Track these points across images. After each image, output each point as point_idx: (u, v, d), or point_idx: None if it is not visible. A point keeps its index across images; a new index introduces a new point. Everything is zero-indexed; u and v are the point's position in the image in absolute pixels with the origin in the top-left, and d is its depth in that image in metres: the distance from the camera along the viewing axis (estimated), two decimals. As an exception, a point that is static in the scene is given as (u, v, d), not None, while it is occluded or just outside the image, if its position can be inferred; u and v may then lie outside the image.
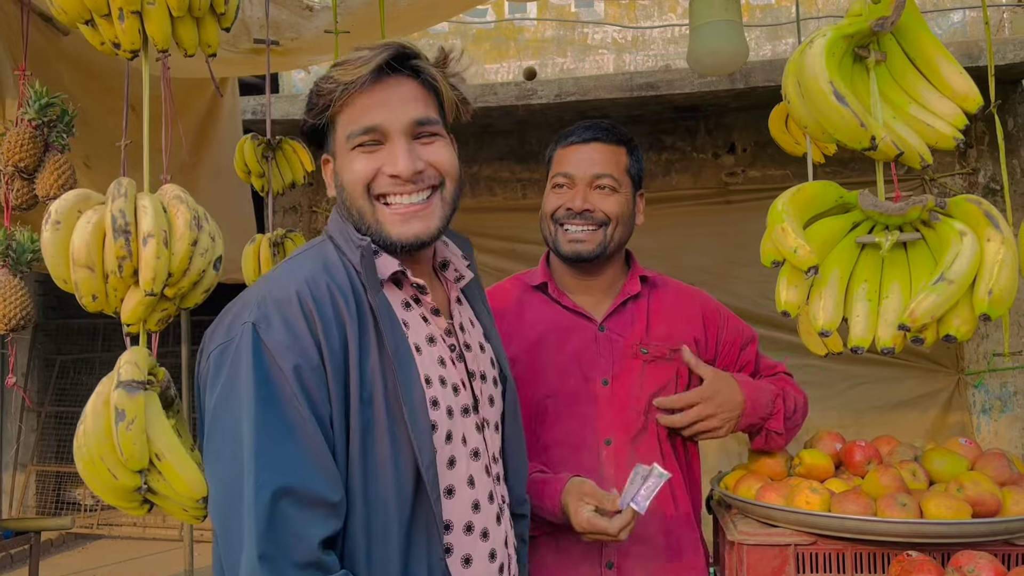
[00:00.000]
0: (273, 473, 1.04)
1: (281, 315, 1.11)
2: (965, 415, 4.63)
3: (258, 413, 1.06)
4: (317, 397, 1.10)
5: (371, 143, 1.21)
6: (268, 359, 1.08)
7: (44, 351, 7.36)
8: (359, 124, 1.20)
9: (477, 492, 1.26)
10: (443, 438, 1.20)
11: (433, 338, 1.25)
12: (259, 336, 1.09)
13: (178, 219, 1.33)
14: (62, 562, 6.34)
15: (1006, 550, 1.68)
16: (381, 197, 1.22)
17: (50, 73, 2.87)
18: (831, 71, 1.08)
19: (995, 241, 1.08)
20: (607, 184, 1.75)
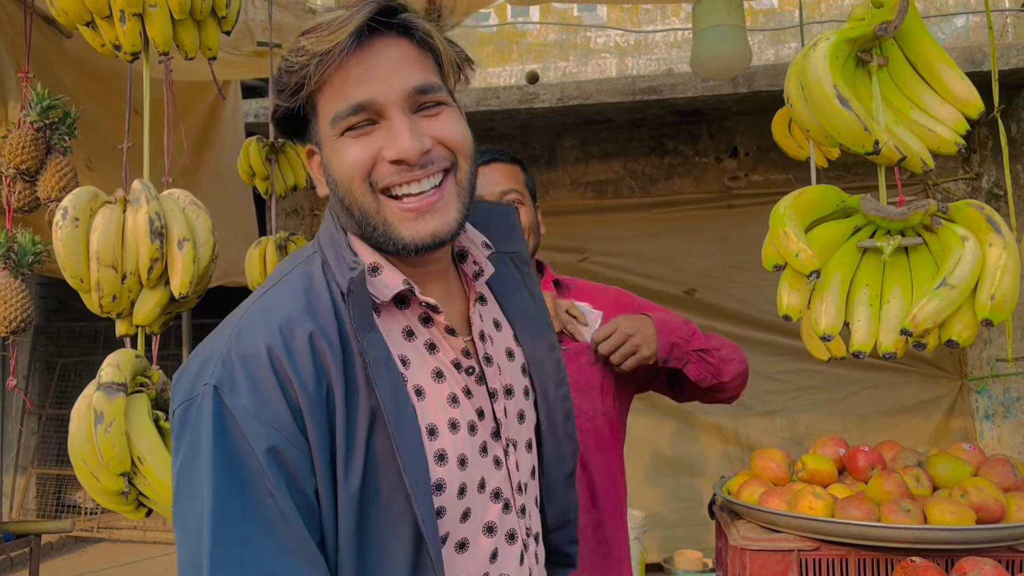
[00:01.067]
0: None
1: (248, 376, 0.91)
2: (968, 421, 4.61)
3: (216, 502, 0.87)
4: (295, 472, 0.90)
5: (364, 124, 0.97)
6: (232, 431, 0.89)
7: (45, 354, 7.36)
8: (345, 102, 0.96)
9: (496, 539, 1.07)
10: (455, 494, 1.01)
11: (441, 372, 1.04)
12: (223, 403, 0.90)
13: (200, 224, 1.33)
14: (62, 565, 6.33)
15: (1010, 556, 1.67)
16: (386, 190, 0.98)
17: (52, 75, 2.87)
18: (835, 75, 1.08)
19: (997, 246, 1.07)
20: (514, 199, 1.85)
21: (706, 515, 2.15)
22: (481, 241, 1.13)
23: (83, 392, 1.37)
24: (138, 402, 1.34)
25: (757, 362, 4.66)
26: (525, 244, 1.23)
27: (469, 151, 1.02)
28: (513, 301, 1.18)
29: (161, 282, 1.34)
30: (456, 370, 1.06)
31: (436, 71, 1.02)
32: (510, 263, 1.19)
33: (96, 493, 1.34)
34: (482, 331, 1.12)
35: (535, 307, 1.20)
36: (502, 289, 1.18)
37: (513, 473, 1.11)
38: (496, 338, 1.14)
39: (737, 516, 1.93)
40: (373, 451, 0.94)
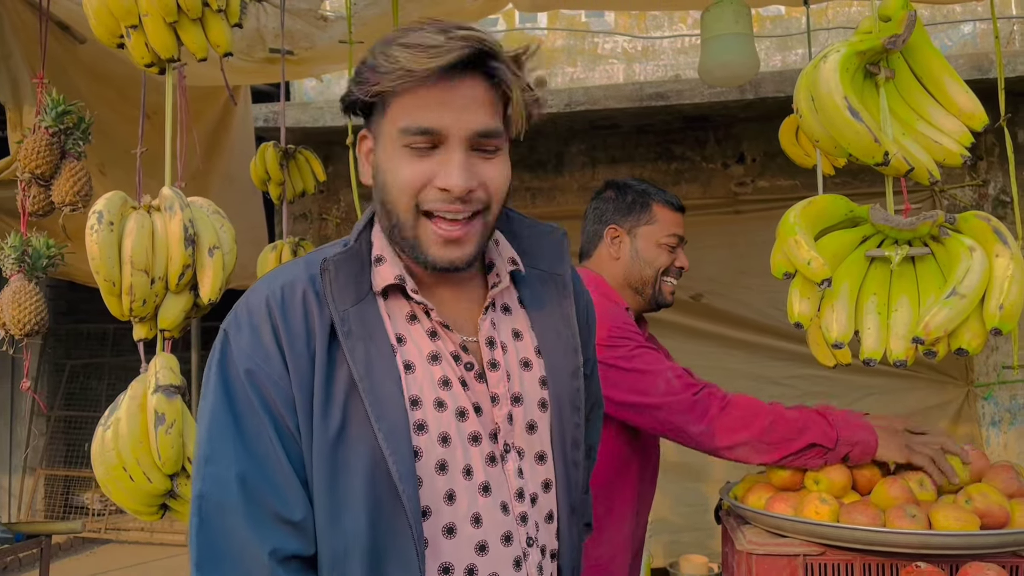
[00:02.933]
0: (213, 483, 1.02)
1: (248, 321, 1.07)
2: (974, 427, 4.61)
3: (212, 416, 1.04)
4: (278, 408, 1.04)
5: (425, 145, 1.05)
6: (229, 364, 1.06)
7: (54, 356, 7.40)
8: (416, 122, 1.04)
9: (485, 532, 1.10)
10: (433, 467, 1.07)
11: (437, 356, 1.11)
12: (228, 340, 1.08)
13: (225, 233, 1.36)
14: (70, 566, 6.36)
15: (1014, 562, 1.68)
16: (427, 212, 1.07)
17: (67, 81, 2.90)
18: (845, 86, 1.10)
19: (1004, 257, 1.09)
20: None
21: (712, 520, 2.16)
22: (508, 257, 1.20)
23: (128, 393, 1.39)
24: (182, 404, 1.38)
25: (763, 367, 4.70)
26: (569, 269, 1.27)
27: (503, 197, 1.11)
28: (545, 318, 1.23)
29: (187, 288, 1.36)
30: (455, 361, 1.12)
31: (502, 116, 1.09)
32: (550, 283, 1.24)
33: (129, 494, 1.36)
34: (491, 338, 1.16)
35: (566, 332, 1.23)
36: (535, 303, 1.23)
37: (512, 478, 1.13)
38: (512, 347, 1.18)
39: (743, 521, 1.95)
40: (349, 409, 1.04)
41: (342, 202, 5.12)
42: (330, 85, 5.37)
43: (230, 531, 1.01)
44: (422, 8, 2.98)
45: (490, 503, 1.10)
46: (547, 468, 1.18)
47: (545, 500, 1.18)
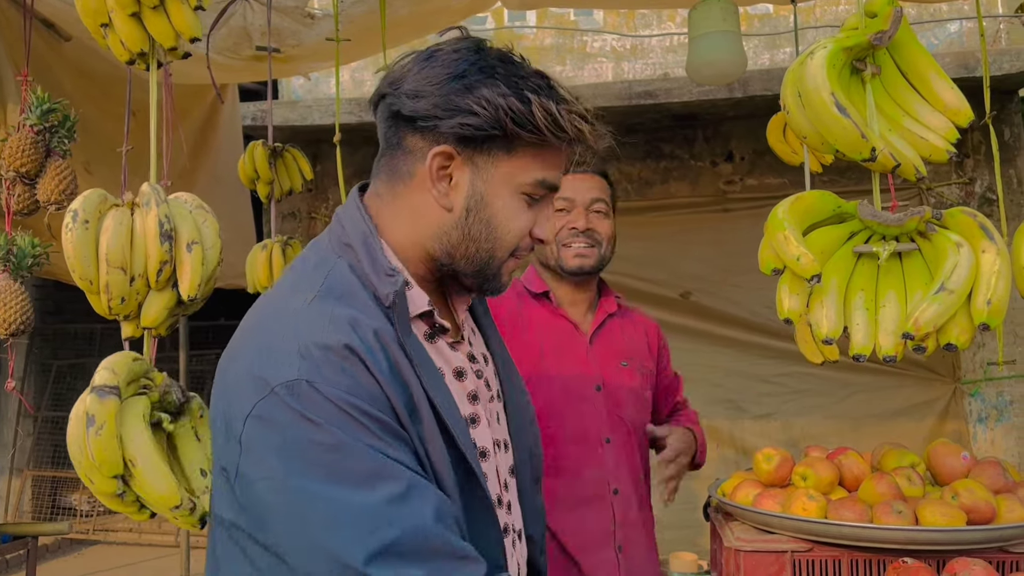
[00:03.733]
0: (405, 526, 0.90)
1: (333, 363, 0.93)
2: (962, 424, 4.64)
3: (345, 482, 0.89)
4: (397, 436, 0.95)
5: (542, 200, 1.10)
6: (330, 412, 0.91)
7: (41, 356, 7.35)
8: (545, 176, 1.08)
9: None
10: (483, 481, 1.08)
11: (462, 372, 1.12)
12: (316, 388, 0.91)
13: (207, 228, 1.34)
14: (58, 567, 6.32)
15: (1001, 557, 1.69)
16: (515, 252, 1.11)
17: (52, 79, 2.88)
18: (832, 82, 1.10)
19: (990, 252, 1.09)
20: (602, 209, 2.03)
21: (701, 517, 2.16)
22: None
23: (81, 396, 1.38)
24: (134, 405, 1.34)
25: (752, 365, 4.71)
26: None
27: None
28: (478, 308, 1.28)
29: (169, 284, 1.35)
30: (471, 369, 1.15)
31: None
32: None
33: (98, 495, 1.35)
34: (470, 340, 1.20)
35: (489, 315, 1.31)
36: (473, 307, 1.27)
37: (501, 470, 1.17)
38: (476, 344, 1.23)
39: (731, 518, 1.95)
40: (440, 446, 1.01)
41: (330, 200, 5.10)
42: (318, 83, 5.35)
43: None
44: (410, 5, 2.97)
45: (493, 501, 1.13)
46: (510, 454, 1.22)
47: (513, 484, 1.22)
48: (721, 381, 4.77)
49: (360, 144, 4.93)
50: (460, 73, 1.05)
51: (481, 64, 1.05)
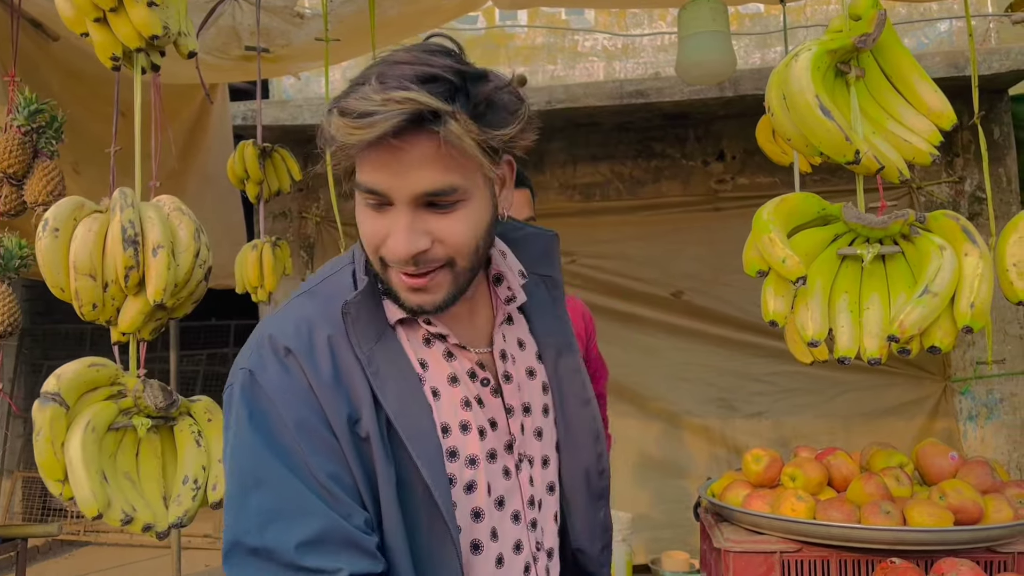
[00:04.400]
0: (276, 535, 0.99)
1: (276, 359, 1.03)
2: (952, 422, 4.65)
3: (252, 465, 1.00)
4: (320, 438, 1.01)
5: (377, 203, 1.02)
6: (263, 403, 1.01)
7: (31, 357, 7.33)
8: (365, 181, 1.01)
9: (500, 545, 1.13)
10: (462, 489, 1.08)
11: (456, 377, 1.12)
12: (256, 381, 1.02)
13: (182, 231, 1.34)
14: (48, 569, 6.29)
15: (988, 557, 1.70)
16: (384, 262, 1.05)
17: (39, 79, 2.87)
18: (816, 85, 1.10)
19: (973, 256, 1.10)
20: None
21: (692, 517, 2.17)
22: (518, 269, 1.21)
23: None
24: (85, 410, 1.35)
25: (743, 364, 4.72)
26: (559, 269, 1.29)
27: (470, 249, 1.05)
28: (542, 321, 1.25)
29: (142, 289, 1.34)
30: (471, 379, 1.13)
31: (466, 165, 1.00)
32: (542, 285, 1.26)
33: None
34: (503, 350, 1.18)
35: (562, 328, 1.26)
36: (533, 309, 1.24)
37: (525, 487, 1.17)
38: (519, 357, 1.20)
39: (721, 518, 1.96)
40: (395, 445, 1.04)
41: (321, 200, 5.09)
42: (308, 83, 5.34)
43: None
44: (399, 5, 2.97)
45: (503, 515, 1.13)
46: (551, 471, 1.21)
47: (551, 502, 1.21)
48: (713, 380, 4.78)
49: (351, 144, 4.93)
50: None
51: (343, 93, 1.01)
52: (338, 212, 2.75)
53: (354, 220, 1.08)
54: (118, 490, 1.36)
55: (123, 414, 1.39)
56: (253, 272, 2.80)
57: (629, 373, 4.73)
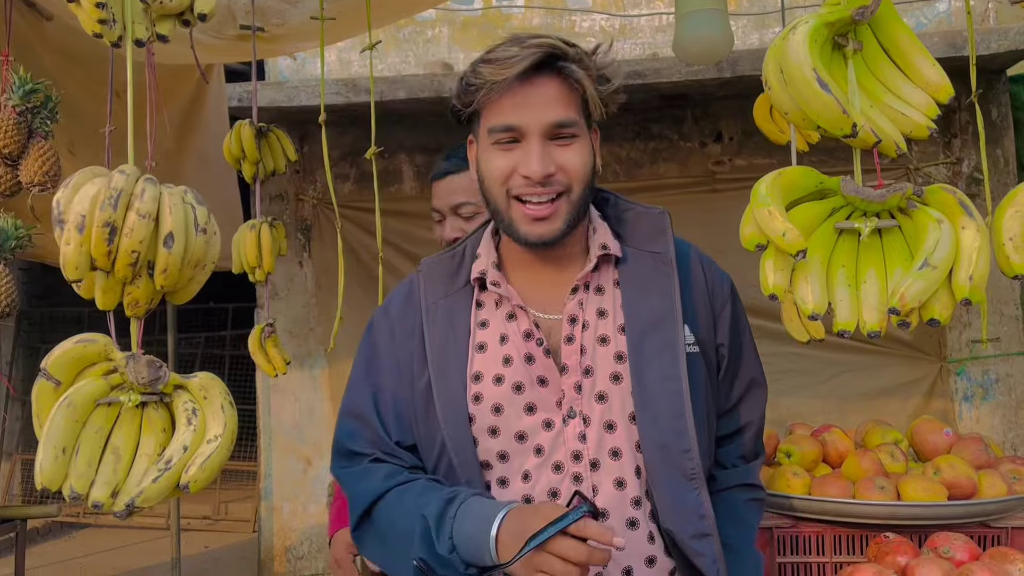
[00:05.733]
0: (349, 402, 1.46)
1: (384, 306, 1.46)
2: (947, 402, 4.68)
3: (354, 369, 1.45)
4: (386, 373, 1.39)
5: (508, 141, 1.26)
6: (369, 336, 1.44)
7: (29, 340, 7.33)
8: (500, 122, 1.26)
9: (531, 487, 1.27)
10: (486, 431, 1.29)
11: (505, 337, 1.32)
12: (373, 318, 1.46)
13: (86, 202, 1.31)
14: (48, 550, 6.33)
15: (981, 531, 1.72)
16: (517, 196, 1.28)
17: (33, 59, 2.85)
18: (814, 58, 1.10)
19: (970, 229, 1.10)
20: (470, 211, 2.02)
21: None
22: (600, 243, 1.35)
23: None
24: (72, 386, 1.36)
25: (740, 345, 4.72)
26: (672, 247, 1.38)
27: (584, 178, 1.29)
28: (640, 296, 1.33)
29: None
30: (525, 339, 1.30)
31: (579, 107, 1.28)
32: (650, 260, 1.36)
33: None
34: (573, 316, 1.31)
35: (664, 304, 1.32)
36: (631, 282, 1.34)
37: (571, 442, 1.26)
38: (593, 324, 1.31)
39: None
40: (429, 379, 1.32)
41: (317, 182, 5.08)
42: (305, 64, 5.31)
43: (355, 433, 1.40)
44: (396, -16, 2.95)
45: (541, 463, 1.26)
46: (617, 437, 1.27)
47: (613, 467, 1.27)
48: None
49: (347, 125, 4.91)
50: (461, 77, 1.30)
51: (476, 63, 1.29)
52: (334, 194, 2.74)
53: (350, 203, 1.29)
54: (85, 466, 1.35)
55: (117, 390, 1.39)
56: (251, 252, 2.79)
57: (626, 354, 4.73)
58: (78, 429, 1.36)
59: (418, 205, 4.79)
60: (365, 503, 1.32)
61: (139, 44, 1.42)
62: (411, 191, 5.03)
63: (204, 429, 1.39)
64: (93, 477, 1.37)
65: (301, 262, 5.06)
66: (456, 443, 1.28)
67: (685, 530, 1.25)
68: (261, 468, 5.05)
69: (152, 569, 5.72)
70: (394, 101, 4.52)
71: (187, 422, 1.40)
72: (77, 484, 1.35)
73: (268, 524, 5.02)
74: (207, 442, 1.38)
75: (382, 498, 1.31)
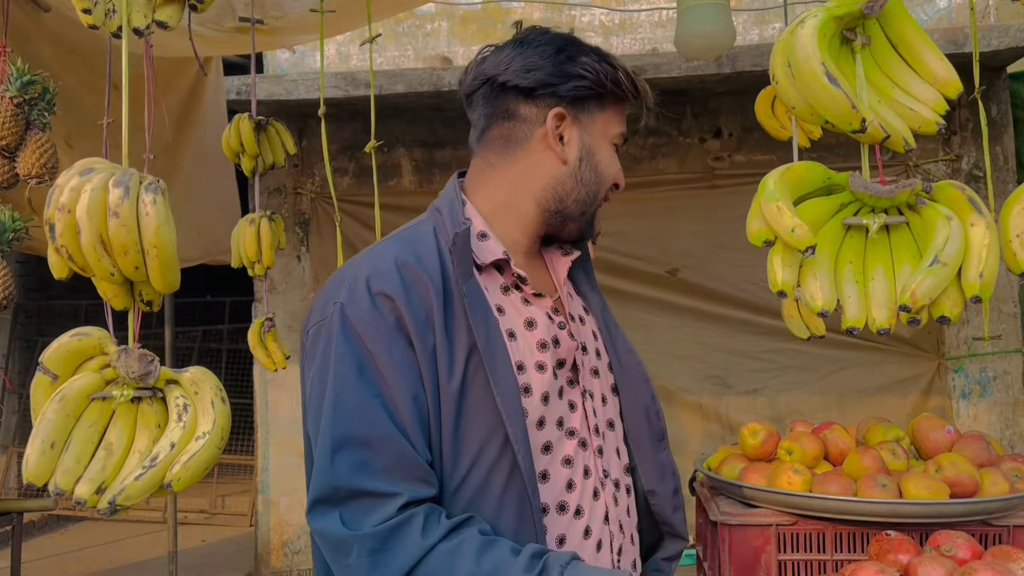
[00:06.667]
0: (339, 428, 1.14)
1: (368, 294, 1.16)
2: (945, 400, 4.68)
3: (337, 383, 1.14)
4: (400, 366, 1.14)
5: (617, 147, 1.36)
6: (352, 334, 1.15)
7: (25, 333, 7.31)
8: (622, 129, 1.34)
9: (571, 471, 1.25)
10: (534, 425, 1.21)
11: (533, 322, 1.26)
12: (346, 315, 1.16)
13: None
14: (45, 544, 6.32)
15: (983, 530, 1.71)
16: (605, 198, 1.35)
17: (31, 50, 2.83)
18: (823, 52, 1.09)
19: (980, 226, 1.09)
20: None
21: (686, 492, 2.18)
22: None
23: None
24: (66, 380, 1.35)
25: (739, 341, 4.73)
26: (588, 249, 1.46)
27: None
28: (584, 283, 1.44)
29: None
30: (550, 321, 1.27)
31: None
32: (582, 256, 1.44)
33: None
34: (570, 293, 1.38)
35: (598, 292, 1.46)
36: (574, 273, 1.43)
37: (591, 417, 1.30)
38: (572, 304, 1.37)
39: (717, 492, 1.96)
40: (468, 373, 1.16)
41: (316, 176, 5.06)
42: (303, 57, 5.29)
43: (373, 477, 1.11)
44: (396, -23, 2.93)
45: (575, 443, 1.26)
46: (609, 408, 1.35)
47: (611, 437, 1.34)
48: (707, 357, 4.79)
49: (346, 119, 4.89)
50: (562, 47, 1.27)
51: (571, 41, 1.29)
52: (334, 188, 2.73)
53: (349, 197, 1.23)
54: (73, 462, 1.34)
55: (111, 384, 1.37)
56: (251, 246, 2.78)
57: (624, 350, 4.73)
58: (71, 424, 1.34)
59: (417, 199, 4.77)
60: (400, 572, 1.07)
61: (137, 33, 1.40)
62: (410, 185, 5.01)
63: (195, 426, 1.37)
64: (80, 473, 1.35)
65: (299, 256, 5.05)
66: (522, 445, 1.15)
67: (665, 489, 1.36)
68: (258, 462, 5.04)
69: (148, 563, 5.71)
70: (393, 95, 4.50)
71: (178, 418, 1.37)
72: (62, 480, 1.33)
73: (265, 518, 5.01)
74: (196, 439, 1.35)
75: (423, 562, 1.07)
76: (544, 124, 1.27)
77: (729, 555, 1.77)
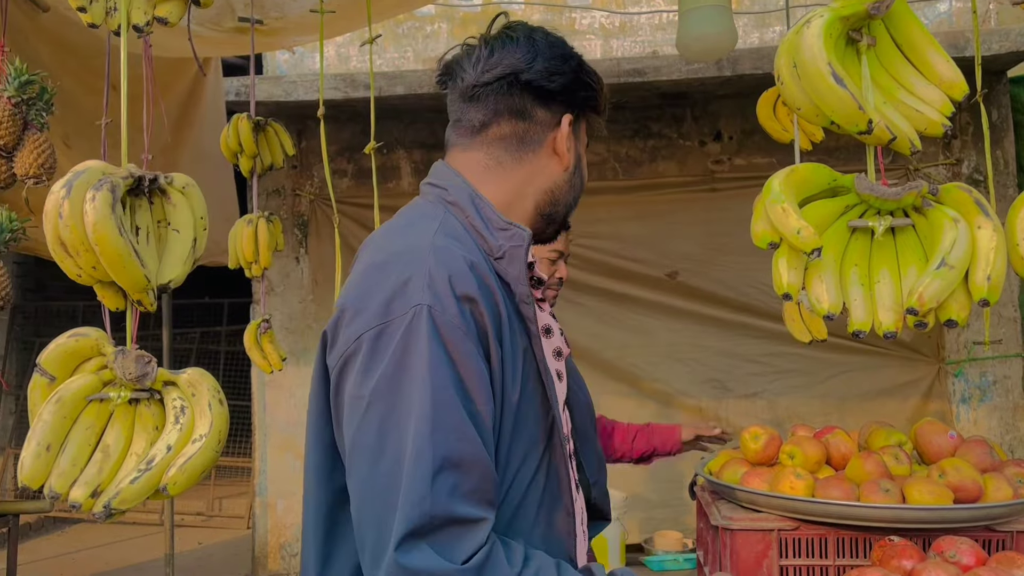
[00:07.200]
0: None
1: (455, 299, 1.06)
2: (945, 404, 4.67)
3: (435, 398, 1.02)
4: (483, 389, 1.06)
5: None
6: (446, 345, 1.04)
7: (22, 334, 7.29)
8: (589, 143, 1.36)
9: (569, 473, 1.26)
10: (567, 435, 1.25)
11: (549, 329, 1.26)
12: (435, 319, 1.04)
13: None
14: (41, 546, 6.29)
15: (987, 535, 1.70)
16: None
17: (29, 50, 2.81)
18: (829, 52, 1.08)
19: (987, 228, 1.08)
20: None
21: (687, 496, 2.16)
22: None
23: None
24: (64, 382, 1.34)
25: (738, 345, 4.72)
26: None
27: None
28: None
29: None
30: (559, 331, 1.31)
31: None
32: None
33: None
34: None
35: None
36: None
37: (568, 423, 1.32)
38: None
39: (719, 496, 1.95)
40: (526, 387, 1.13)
41: (315, 177, 5.05)
42: (303, 58, 5.28)
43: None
44: (396, -22, 2.92)
45: (570, 448, 1.29)
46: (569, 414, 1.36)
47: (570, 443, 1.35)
48: (707, 361, 4.78)
49: (345, 121, 4.88)
50: (570, 54, 1.27)
51: (569, 46, 1.28)
52: (332, 189, 2.72)
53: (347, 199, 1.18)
54: (69, 464, 1.32)
55: (109, 386, 1.36)
56: (248, 247, 2.77)
57: (623, 354, 4.72)
58: (67, 426, 1.33)
59: (416, 202, 4.76)
60: None
61: (137, 31, 1.39)
62: (409, 187, 5.00)
63: (192, 428, 1.35)
64: (76, 476, 1.33)
65: (298, 258, 5.03)
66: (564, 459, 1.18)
67: (603, 477, 1.41)
68: (256, 464, 5.03)
69: (145, 565, 5.69)
70: (392, 97, 4.49)
71: (175, 420, 1.36)
72: (57, 483, 1.31)
73: (262, 520, 4.99)
74: (193, 442, 1.34)
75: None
76: (556, 129, 1.26)
77: (730, 560, 1.76)
